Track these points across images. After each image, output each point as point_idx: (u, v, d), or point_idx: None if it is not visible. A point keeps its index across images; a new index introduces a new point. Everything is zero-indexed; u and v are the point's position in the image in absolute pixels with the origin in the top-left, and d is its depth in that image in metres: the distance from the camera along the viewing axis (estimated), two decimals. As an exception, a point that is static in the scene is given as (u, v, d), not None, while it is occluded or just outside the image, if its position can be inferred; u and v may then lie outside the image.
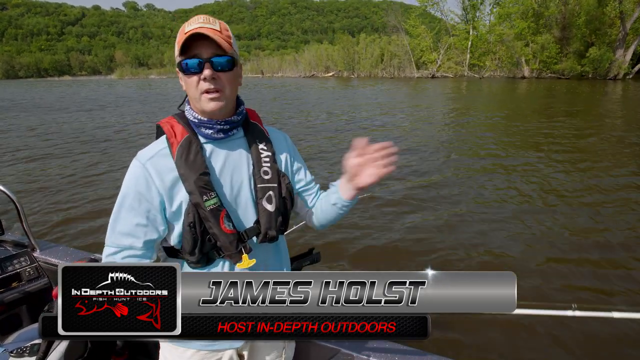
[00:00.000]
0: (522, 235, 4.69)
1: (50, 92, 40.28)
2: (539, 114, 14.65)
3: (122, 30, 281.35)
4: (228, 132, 1.09)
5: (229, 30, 1.04)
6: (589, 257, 4.15)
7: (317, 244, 4.42)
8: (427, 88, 32.41)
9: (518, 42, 42.08)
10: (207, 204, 1.02)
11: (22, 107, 23.38)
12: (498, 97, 23.53)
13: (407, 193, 6.18)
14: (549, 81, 37.63)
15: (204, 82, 1.00)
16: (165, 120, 1.11)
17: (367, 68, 59.25)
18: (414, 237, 4.63)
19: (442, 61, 51.07)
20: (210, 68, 0.99)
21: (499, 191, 6.25)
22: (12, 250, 2.26)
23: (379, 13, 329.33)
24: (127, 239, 1.03)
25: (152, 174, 1.03)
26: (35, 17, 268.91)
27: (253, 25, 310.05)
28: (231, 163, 1.11)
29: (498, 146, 9.55)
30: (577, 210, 5.43)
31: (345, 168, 1.08)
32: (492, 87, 32.54)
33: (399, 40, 56.32)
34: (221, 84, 1.02)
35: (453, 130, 12.18)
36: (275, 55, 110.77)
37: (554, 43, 40.55)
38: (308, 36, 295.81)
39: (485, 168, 7.66)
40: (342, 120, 14.08)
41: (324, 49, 70.84)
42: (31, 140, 11.82)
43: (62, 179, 7.47)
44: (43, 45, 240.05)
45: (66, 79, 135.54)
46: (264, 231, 1.11)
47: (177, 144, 1.04)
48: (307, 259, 1.58)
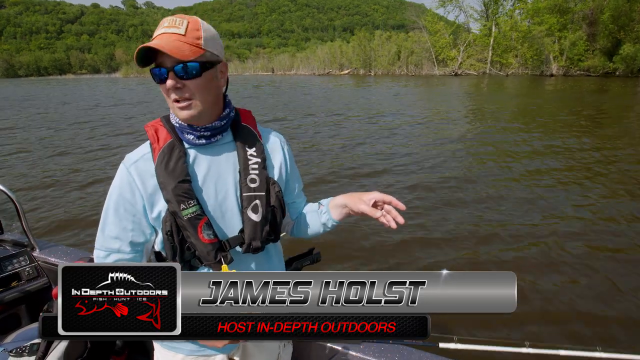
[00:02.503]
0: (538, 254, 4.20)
1: (63, 90, 39.07)
2: (595, 120, 13.12)
3: (122, 28, 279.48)
4: (210, 138, 1.04)
5: (202, 29, 0.96)
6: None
7: (317, 243, 4.28)
8: (457, 87, 31.24)
9: (546, 39, 40.96)
10: (185, 212, 0.99)
11: (43, 103, 22.45)
12: (540, 98, 22.29)
13: (413, 195, 6.05)
14: (578, 79, 36.54)
15: (171, 92, 0.95)
16: (151, 123, 1.07)
17: (383, 66, 58.08)
18: (417, 238, 4.54)
19: (462, 58, 49.95)
20: (174, 77, 0.93)
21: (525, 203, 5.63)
22: (12, 250, 2.25)
23: (380, 10, 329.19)
24: (116, 243, 1.03)
25: (136, 178, 1.01)
26: (34, 15, 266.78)
27: (253, 23, 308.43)
28: (216, 170, 1.06)
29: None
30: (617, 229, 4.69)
31: (350, 198, 1.09)
32: (523, 85, 31.26)
33: (416, 37, 55.25)
34: (189, 91, 0.96)
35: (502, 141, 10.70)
36: (284, 52, 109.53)
37: (584, 40, 39.55)
38: (309, 34, 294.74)
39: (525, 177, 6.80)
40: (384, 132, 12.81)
41: (338, 46, 69.54)
42: (34, 139, 11.66)
43: (62, 177, 7.40)
44: (42, 43, 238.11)
45: (69, 77, 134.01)
46: (247, 241, 1.06)
47: (159, 150, 1.01)
48: (307, 258, 1.58)
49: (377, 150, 8.95)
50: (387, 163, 7.79)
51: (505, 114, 14.43)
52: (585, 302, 3.33)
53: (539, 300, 3.36)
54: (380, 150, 8.85)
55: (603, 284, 3.59)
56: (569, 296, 3.42)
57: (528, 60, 44.41)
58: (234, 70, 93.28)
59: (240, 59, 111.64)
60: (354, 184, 6.62)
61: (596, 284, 3.59)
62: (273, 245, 1.19)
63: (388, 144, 9.60)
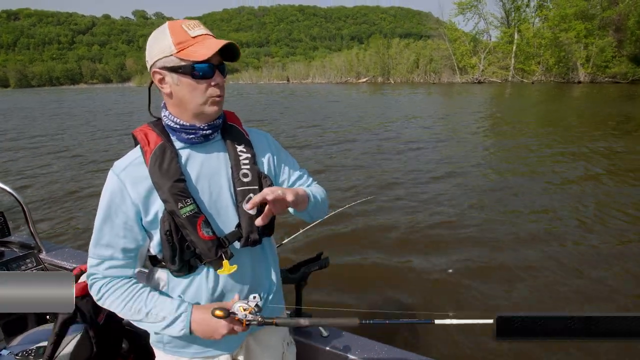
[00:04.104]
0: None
1: (94, 99, 39.09)
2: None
3: (132, 38, 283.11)
4: (209, 136, 1.08)
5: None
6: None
7: (323, 244, 4.44)
8: (487, 94, 30.56)
9: (574, 45, 40.22)
10: (183, 211, 1.00)
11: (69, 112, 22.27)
12: (589, 105, 21.52)
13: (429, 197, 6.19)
14: (606, 86, 35.68)
15: (214, 87, 1.01)
16: (139, 128, 1.09)
17: (402, 73, 57.57)
18: (425, 239, 4.64)
19: (484, 66, 49.29)
20: (220, 74, 1.02)
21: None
22: (19, 252, 2.27)
23: (387, 19, 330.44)
24: (108, 250, 1.04)
25: (127, 184, 1.01)
26: (47, 26, 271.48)
27: (261, 33, 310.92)
28: (209, 167, 1.08)
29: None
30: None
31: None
32: (554, 93, 30.41)
33: (435, 45, 54.75)
34: (224, 90, 1.05)
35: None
36: (292, 60, 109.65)
37: (613, 46, 38.76)
38: (316, 43, 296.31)
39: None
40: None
41: (355, 53, 69.16)
42: (46, 142, 11.96)
43: (70, 181, 7.41)
44: (55, 54, 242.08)
45: (82, 87, 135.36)
46: (245, 235, 1.08)
47: (151, 152, 1.03)
48: (316, 264, 1.57)
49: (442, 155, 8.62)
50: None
51: (573, 123, 13.74)
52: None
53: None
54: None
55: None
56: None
57: (553, 67, 43.62)
58: (249, 79, 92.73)
59: (254, 67, 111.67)
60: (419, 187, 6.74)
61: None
62: (267, 240, 1.21)
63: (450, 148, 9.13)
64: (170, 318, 1.02)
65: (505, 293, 3.58)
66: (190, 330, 1.03)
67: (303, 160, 8.80)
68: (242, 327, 1.02)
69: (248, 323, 1.01)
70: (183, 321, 1.02)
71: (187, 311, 1.03)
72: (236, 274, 1.09)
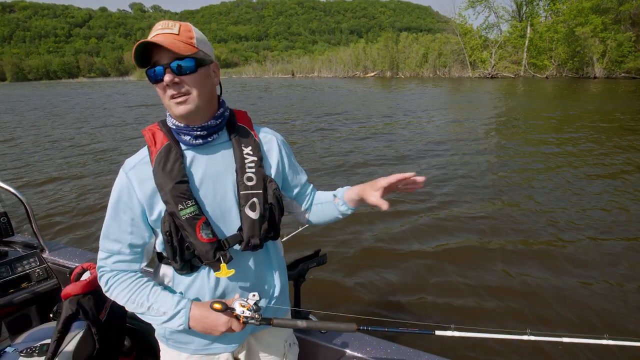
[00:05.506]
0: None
1: (105, 92, 38.09)
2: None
3: (130, 31, 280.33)
4: (206, 137, 1.06)
5: (193, 31, 1.01)
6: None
7: (322, 243, 4.37)
8: (504, 90, 29.82)
9: (590, 40, 39.53)
10: (183, 212, 1.01)
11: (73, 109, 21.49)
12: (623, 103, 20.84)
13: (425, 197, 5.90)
14: (622, 81, 35.03)
15: (168, 88, 0.98)
16: (148, 127, 1.10)
17: (411, 68, 56.79)
18: (422, 239, 4.53)
19: (495, 60, 48.57)
20: (171, 73, 0.97)
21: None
22: (22, 251, 2.28)
23: (387, 13, 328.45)
24: (116, 245, 1.07)
25: (134, 183, 1.03)
26: (43, 19, 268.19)
27: (260, 26, 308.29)
28: (213, 169, 1.08)
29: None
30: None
31: (371, 185, 1.10)
32: (574, 88, 29.69)
33: (444, 39, 53.97)
34: (186, 87, 0.99)
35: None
36: (291, 54, 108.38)
37: (633, 41, 38.11)
38: (316, 36, 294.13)
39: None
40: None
41: (362, 47, 68.19)
42: (48, 142, 11.61)
43: (74, 180, 7.41)
44: (51, 47, 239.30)
45: (82, 81, 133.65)
46: (246, 239, 1.08)
47: (156, 152, 1.04)
48: (314, 260, 1.58)
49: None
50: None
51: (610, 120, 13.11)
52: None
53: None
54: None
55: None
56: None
57: (568, 62, 42.95)
58: (253, 73, 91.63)
59: (257, 61, 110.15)
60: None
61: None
62: (272, 243, 1.20)
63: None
64: (170, 313, 1.03)
65: (523, 308, 3.23)
66: (189, 326, 1.03)
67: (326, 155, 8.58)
68: (240, 324, 1.02)
69: (245, 320, 1.01)
70: (182, 317, 1.03)
71: (186, 307, 1.04)
72: (238, 276, 1.10)
